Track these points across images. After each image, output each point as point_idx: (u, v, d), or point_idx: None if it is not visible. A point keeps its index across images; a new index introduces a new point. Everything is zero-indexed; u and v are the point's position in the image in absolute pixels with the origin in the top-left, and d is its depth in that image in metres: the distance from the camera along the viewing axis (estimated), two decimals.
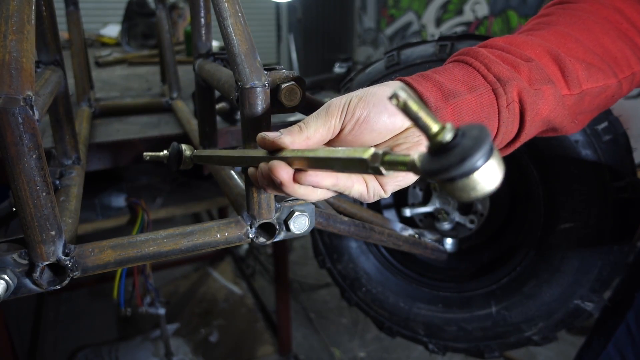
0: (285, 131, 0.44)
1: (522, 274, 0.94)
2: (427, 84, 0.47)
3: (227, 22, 0.52)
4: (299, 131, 0.43)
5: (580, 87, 0.50)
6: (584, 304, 0.86)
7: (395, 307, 1.05)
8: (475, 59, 0.49)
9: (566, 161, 0.83)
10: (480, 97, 0.46)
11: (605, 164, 0.80)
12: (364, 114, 0.44)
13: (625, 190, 0.80)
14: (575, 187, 0.83)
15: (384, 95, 0.44)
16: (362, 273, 1.08)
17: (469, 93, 0.46)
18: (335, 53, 5.18)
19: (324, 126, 0.44)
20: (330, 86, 1.75)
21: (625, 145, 0.80)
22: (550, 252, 0.89)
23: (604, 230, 0.83)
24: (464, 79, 0.47)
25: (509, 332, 0.94)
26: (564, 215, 0.86)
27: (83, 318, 2.41)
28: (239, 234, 0.54)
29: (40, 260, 0.45)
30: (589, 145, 0.80)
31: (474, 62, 0.49)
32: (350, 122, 0.44)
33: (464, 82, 0.47)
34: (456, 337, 1.00)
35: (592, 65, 0.51)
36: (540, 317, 0.91)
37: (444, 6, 4.56)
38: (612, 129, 0.79)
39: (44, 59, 0.65)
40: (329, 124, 0.44)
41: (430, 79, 0.47)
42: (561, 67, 0.50)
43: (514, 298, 0.94)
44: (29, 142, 0.40)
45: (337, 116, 0.44)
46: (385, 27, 5.45)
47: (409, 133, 0.45)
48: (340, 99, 0.45)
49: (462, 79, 0.47)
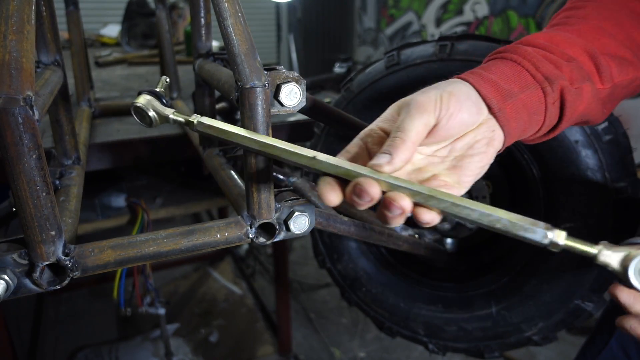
0: (389, 150, 0.43)
1: (522, 274, 0.94)
2: (487, 86, 0.49)
3: (227, 22, 0.52)
4: (402, 142, 0.43)
5: (613, 81, 0.54)
6: (584, 304, 0.86)
7: (395, 307, 1.05)
8: (524, 58, 0.51)
9: (566, 161, 0.83)
10: (531, 95, 0.50)
11: (605, 164, 0.80)
12: (456, 110, 0.46)
13: (625, 190, 0.80)
14: (575, 187, 0.83)
15: (466, 93, 0.47)
16: (362, 273, 1.08)
17: (522, 92, 0.49)
18: (335, 53, 5.17)
19: (423, 125, 0.45)
20: (330, 86, 1.75)
21: (625, 145, 0.80)
22: (550, 252, 0.89)
23: (604, 230, 0.83)
24: (516, 78, 0.50)
25: (509, 332, 0.94)
26: (564, 215, 0.86)
27: (83, 318, 2.41)
28: (239, 234, 0.54)
29: (40, 260, 0.45)
30: (589, 145, 0.80)
31: (523, 62, 0.51)
32: (445, 117, 0.46)
33: (516, 81, 0.50)
34: (456, 337, 1.00)
35: (624, 59, 0.55)
36: (540, 317, 0.91)
37: (444, 6, 4.56)
38: (612, 129, 0.79)
39: (44, 59, 0.65)
40: (425, 122, 0.45)
41: (487, 80, 0.49)
42: (597, 64, 0.53)
43: (514, 298, 0.94)
44: (29, 142, 0.40)
45: (432, 112, 0.45)
46: (385, 27, 5.45)
47: (483, 128, 0.49)
48: (426, 96, 0.46)
49: (514, 78, 0.50)
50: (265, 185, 0.52)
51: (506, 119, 0.49)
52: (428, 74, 0.90)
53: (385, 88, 0.96)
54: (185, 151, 1.11)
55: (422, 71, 0.91)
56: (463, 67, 0.86)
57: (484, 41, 0.86)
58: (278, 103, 0.51)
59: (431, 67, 0.90)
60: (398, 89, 0.94)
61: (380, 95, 0.96)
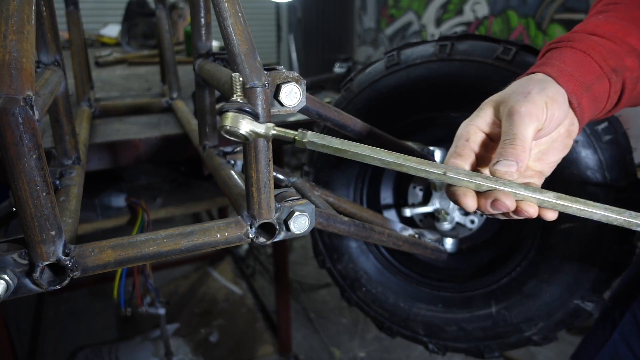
0: (514, 158, 0.47)
1: (522, 274, 0.94)
2: (569, 82, 0.52)
3: (227, 22, 0.52)
4: (523, 150, 0.47)
5: None
6: (584, 304, 0.86)
7: (396, 307, 1.05)
8: (593, 50, 0.54)
9: (566, 161, 0.83)
10: (600, 86, 0.53)
11: (605, 164, 0.80)
12: (556, 113, 0.50)
13: (625, 190, 0.80)
14: (575, 187, 0.83)
15: (561, 95, 0.51)
16: (362, 273, 1.08)
17: (594, 84, 0.53)
18: (335, 53, 5.17)
19: (535, 131, 0.48)
20: (330, 86, 1.75)
21: (625, 146, 0.80)
22: (550, 252, 0.89)
23: (603, 230, 0.83)
24: (587, 70, 0.53)
25: (509, 332, 0.94)
26: (564, 215, 0.86)
27: (83, 318, 2.41)
28: (239, 234, 0.54)
29: (40, 260, 0.45)
30: (589, 145, 0.80)
31: (592, 53, 0.54)
32: (548, 121, 0.49)
33: (588, 73, 0.53)
34: (456, 337, 1.00)
35: None
36: (540, 317, 0.91)
37: (444, 6, 4.56)
38: (612, 129, 0.79)
39: (44, 59, 0.65)
40: (536, 128, 0.48)
41: (567, 75, 0.53)
42: None
43: (514, 298, 0.94)
44: (29, 142, 0.40)
45: (542, 119, 0.49)
46: (385, 27, 5.45)
47: (566, 122, 0.53)
48: (534, 104, 0.48)
49: (586, 69, 0.53)
50: (265, 185, 0.52)
51: (582, 112, 0.53)
52: (428, 73, 0.90)
53: (385, 88, 0.96)
54: (185, 151, 1.11)
55: (422, 71, 0.91)
56: (463, 67, 0.86)
57: (484, 41, 0.86)
58: (278, 103, 0.51)
59: (431, 67, 0.90)
60: (398, 89, 0.94)
61: (380, 95, 0.96)
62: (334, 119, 0.69)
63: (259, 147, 0.50)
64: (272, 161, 0.52)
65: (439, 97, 0.91)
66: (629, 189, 0.80)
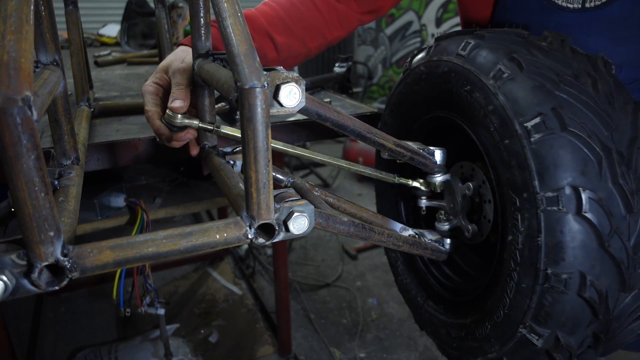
0: (178, 97, 0.74)
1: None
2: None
3: (227, 22, 0.52)
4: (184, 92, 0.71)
5: None
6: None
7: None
8: None
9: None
10: None
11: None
12: None
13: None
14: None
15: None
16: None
17: None
18: (335, 53, 5.17)
19: (187, 79, 0.75)
20: (330, 86, 1.74)
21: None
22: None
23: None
24: None
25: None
26: None
27: (83, 318, 2.41)
28: (238, 234, 0.54)
29: (39, 261, 0.45)
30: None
31: None
32: None
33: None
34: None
35: None
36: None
37: (444, 6, 4.56)
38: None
39: (42, 58, 0.65)
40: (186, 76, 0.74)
41: None
42: None
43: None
44: (28, 142, 0.40)
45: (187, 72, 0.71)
46: (385, 27, 5.45)
47: None
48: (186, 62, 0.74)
49: None
50: (264, 186, 0.52)
51: None
52: None
53: None
54: (185, 151, 1.11)
55: None
56: None
57: None
58: (277, 103, 0.51)
59: None
60: None
61: None
62: (333, 119, 0.69)
63: (258, 147, 0.50)
64: (272, 161, 0.52)
65: None
66: None
